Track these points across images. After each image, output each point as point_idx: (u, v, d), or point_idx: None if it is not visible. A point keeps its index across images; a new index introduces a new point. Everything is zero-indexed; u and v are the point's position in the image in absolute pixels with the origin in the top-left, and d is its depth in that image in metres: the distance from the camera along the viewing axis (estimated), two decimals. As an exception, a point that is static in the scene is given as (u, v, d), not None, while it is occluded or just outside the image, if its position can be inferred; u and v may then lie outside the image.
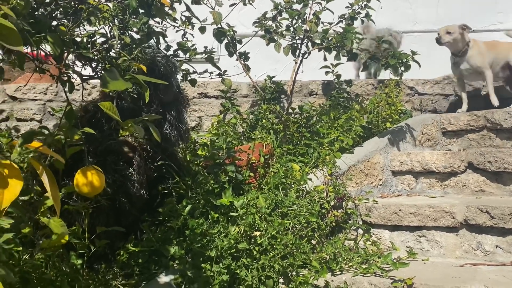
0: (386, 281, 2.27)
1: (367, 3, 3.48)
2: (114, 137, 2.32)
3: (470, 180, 3.06)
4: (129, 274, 2.37)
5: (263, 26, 3.45)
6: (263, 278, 2.32)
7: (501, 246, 2.51)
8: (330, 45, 3.31)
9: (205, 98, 4.20)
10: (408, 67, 3.35)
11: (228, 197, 2.53)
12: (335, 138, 3.23)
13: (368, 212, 2.80)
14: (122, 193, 2.38)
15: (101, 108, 1.50)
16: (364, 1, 3.48)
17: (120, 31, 1.73)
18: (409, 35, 5.23)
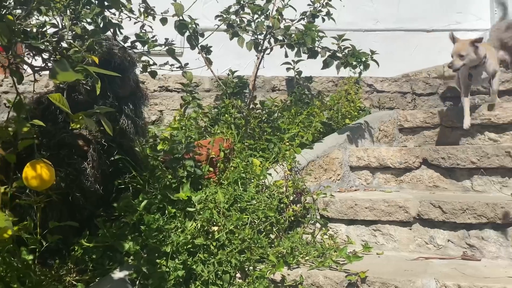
0: (340, 274, 2.30)
1: (328, 1, 3.51)
2: (68, 130, 2.27)
3: (425, 176, 3.13)
4: (83, 270, 2.33)
5: (226, 20, 3.44)
6: (220, 273, 2.32)
7: (452, 240, 2.59)
8: (291, 42, 3.33)
9: (166, 91, 4.16)
10: (367, 66, 3.39)
11: (185, 192, 2.51)
12: (295, 134, 3.26)
13: (326, 207, 2.83)
14: (76, 187, 2.34)
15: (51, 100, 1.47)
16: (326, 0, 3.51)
17: (72, 21, 1.69)
18: (370, 33, 5.31)
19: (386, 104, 4.21)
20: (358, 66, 3.33)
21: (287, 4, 3.48)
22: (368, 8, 5.43)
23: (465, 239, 2.55)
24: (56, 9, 1.63)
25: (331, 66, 3.35)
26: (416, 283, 2.18)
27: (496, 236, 2.49)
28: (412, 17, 5.47)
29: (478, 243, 2.52)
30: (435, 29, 5.52)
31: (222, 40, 3.62)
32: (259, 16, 3.43)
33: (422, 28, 5.52)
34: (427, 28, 5.53)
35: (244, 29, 3.41)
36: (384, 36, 5.36)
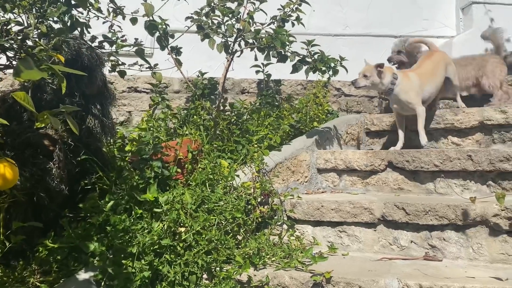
0: (306, 274, 2.33)
1: (298, 6, 3.55)
2: (33, 130, 2.24)
3: (390, 178, 3.20)
4: (47, 271, 2.30)
5: (197, 21, 3.44)
6: (186, 274, 2.32)
7: (415, 241, 2.65)
8: (261, 45, 3.36)
9: (135, 92, 4.14)
10: (336, 72, 3.44)
11: (152, 193, 2.51)
12: (264, 136, 3.29)
13: (293, 208, 2.86)
14: (41, 188, 2.31)
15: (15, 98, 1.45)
16: (296, 5, 3.55)
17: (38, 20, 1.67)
18: (340, 38, 5.38)
19: (354, 107, 4.28)
20: (327, 71, 3.38)
21: (258, 8, 3.51)
22: (338, 13, 5.50)
23: (428, 240, 2.62)
24: (22, 7, 1.62)
25: (300, 70, 3.39)
26: (379, 283, 2.22)
27: (457, 237, 2.56)
28: (381, 22, 5.57)
29: (439, 244, 2.59)
30: (402, 35, 5.62)
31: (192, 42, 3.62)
32: (230, 19, 3.44)
33: (390, 33, 5.62)
34: (395, 34, 5.64)
35: (215, 31, 3.42)
36: (353, 41, 5.44)
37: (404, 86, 3.44)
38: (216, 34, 3.39)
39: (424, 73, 3.58)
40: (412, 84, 3.48)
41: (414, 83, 3.49)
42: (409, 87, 3.46)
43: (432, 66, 3.67)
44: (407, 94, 3.44)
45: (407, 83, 3.46)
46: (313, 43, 3.39)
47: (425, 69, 3.65)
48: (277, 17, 3.52)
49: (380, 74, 3.38)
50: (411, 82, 3.49)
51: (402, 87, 3.44)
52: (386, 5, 5.53)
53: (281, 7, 3.55)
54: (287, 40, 3.24)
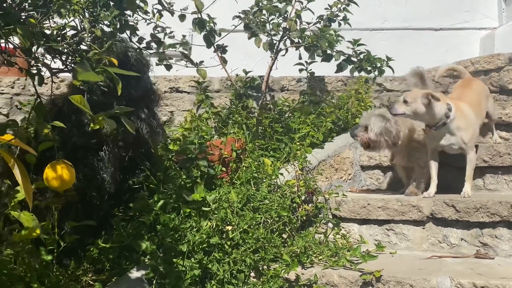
0: (355, 273, 2.31)
1: (346, 6, 3.51)
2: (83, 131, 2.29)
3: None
4: (99, 270, 2.36)
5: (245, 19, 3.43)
6: (234, 272, 2.34)
7: (465, 239, 2.59)
8: (307, 44, 3.33)
9: (177, 92, 4.18)
10: (381, 72, 3.37)
11: (200, 192, 2.53)
12: (306, 134, 3.27)
13: (338, 206, 2.84)
14: (93, 188, 2.36)
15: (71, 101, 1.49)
16: (343, 4, 3.50)
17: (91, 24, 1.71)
18: (378, 32, 5.31)
19: (396, 103, 4.21)
20: (373, 71, 3.32)
21: (306, 7, 3.48)
22: (376, 7, 5.42)
23: (479, 238, 2.56)
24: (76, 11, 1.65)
25: (345, 70, 3.35)
26: (431, 281, 2.19)
27: (510, 234, 2.50)
28: (420, 15, 5.46)
29: (491, 241, 2.53)
30: (442, 28, 5.51)
31: (230, 41, 3.63)
32: (277, 18, 3.42)
33: (430, 26, 5.51)
34: (435, 27, 5.52)
35: (262, 30, 3.41)
36: (391, 35, 5.35)
37: (461, 122, 2.79)
38: (262, 32, 3.37)
39: (475, 104, 2.97)
40: (469, 120, 2.84)
41: (471, 118, 2.86)
42: (467, 123, 2.82)
43: (476, 97, 3.05)
44: (465, 132, 2.79)
45: (464, 118, 2.82)
46: (359, 43, 3.33)
47: (471, 99, 3.00)
48: (324, 17, 3.47)
49: (430, 105, 2.74)
50: (468, 116, 2.85)
51: (459, 123, 2.79)
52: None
53: (329, 6, 3.50)
54: (334, 40, 3.19)
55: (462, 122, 2.79)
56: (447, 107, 2.77)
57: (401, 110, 2.77)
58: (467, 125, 2.80)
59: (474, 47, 5.44)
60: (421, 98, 2.74)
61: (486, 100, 3.12)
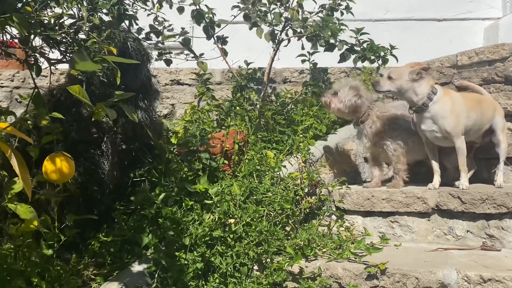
0: (359, 266, 2.28)
1: None
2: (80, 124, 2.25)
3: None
4: (101, 264, 2.33)
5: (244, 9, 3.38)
6: (237, 265, 2.31)
7: (471, 231, 2.56)
8: (309, 34, 3.28)
9: (178, 85, 4.14)
10: (385, 61, 3.33)
11: (202, 184, 2.50)
12: (309, 126, 3.24)
13: (342, 199, 2.81)
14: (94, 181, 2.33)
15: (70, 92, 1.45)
16: None
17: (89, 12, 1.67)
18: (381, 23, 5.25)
19: (400, 94, 4.16)
20: (377, 61, 3.27)
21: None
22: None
23: (485, 230, 2.53)
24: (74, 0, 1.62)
25: (348, 59, 3.30)
26: (437, 274, 2.15)
27: (517, 226, 2.46)
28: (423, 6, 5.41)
29: (497, 233, 2.49)
30: (446, 18, 5.45)
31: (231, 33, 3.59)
32: (279, 8, 3.37)
33: (433, 17, 5.45)
34: (438, 17, 5.47)
35: (263, 20, 3.35)
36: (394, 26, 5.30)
37: (444, 106, 2.69)
38: (264, 22, 3.32)
39: (472, 99, 2.86)
40: (455, 106, 2.71)
41: (458, 105, 2.73)
42: (450, 108, 2.69)
43: (481, 99, 2.92)
44: (445, 118, 2.68)
45: (448, 103, 2.70)
46: (362, 31, 3.28)
47: (473, 96, 2.93)
48: (326, 6, 3.41)
49: (416, 81, 2.67)
50: (454, 103, 2.72)
51: (442, 106, 2.68)
52: (428, -13, 5.37)
53: None
54: (337, 29, 3.13)
55: (446, 106, 2.68)
56: (431, 89, 2.68)
57: (386, 87, 2.71)
58: (451, 110, 2.69)
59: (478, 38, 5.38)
60: (409, 74, 2.66)
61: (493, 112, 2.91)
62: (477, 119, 2.80)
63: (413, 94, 2.69)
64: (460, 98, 2.78)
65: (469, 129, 2.78)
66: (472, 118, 2.77)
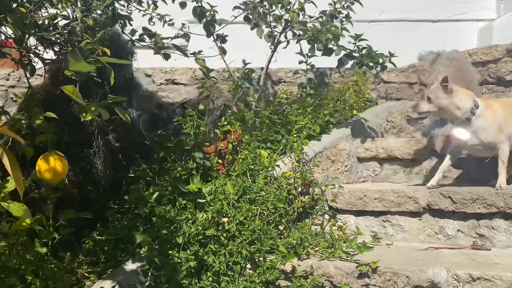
0: (351, 265, 2.31)
1: (350, 4, 3.46)
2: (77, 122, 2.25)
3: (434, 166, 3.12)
4: (95, 262, 2.35)
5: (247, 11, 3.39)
6: (230, 264, 2.33)
7: (462, 230, 2.59)
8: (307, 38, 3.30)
9: (173, 84, 4.15)
10: (384, 68, 3.33)
11: (196, 184, 2.52)
12: (303, 126, 3.25)
13: (334, 198, 2.83)
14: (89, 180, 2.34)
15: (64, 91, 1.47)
16: (348, 2, 3.46)
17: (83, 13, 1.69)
18: (376, 24, 5.28)
19: (394, 95, 4.19)
20: (375, 67, 3.29)
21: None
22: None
23: (475, 229, 2.56)
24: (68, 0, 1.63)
25: (346, 65, 3.33)
26: (427, 272, 2.18)
27: (506, 225, 2.49)
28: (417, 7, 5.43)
29: (488, 232, 2.52)
30: (440, 19, 5.48)
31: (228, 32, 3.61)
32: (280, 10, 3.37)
33: (428, 18, 5.48)
34: (433, 18, 5.49)
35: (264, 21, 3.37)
36: (389, 27, 5.33)
37: (487, 119, 2.63)
38: (265, 23, 3.34)
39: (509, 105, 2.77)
40: (496, 117, 2.65)
41: (499, 116, 2.66)
42: (492, 121, 2.64)
43: None
44: (487, 131, 2.64)
45: (491, 115, 2.64)
46: (361, 38, 3.29)
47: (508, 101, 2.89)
48: (327, 12, 3.42)
49: (452, 94, 2.62)
50: (496, 114, 2.66)
51: (485, 121, 2.63)
52: (423, -12, 5.39)
53: (333, 2, 3.46)
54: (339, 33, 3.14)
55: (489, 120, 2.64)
56: (474, 104, 2.64)
57: (426, 107, 2.70)
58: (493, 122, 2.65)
59: (472, 39, 5.41)
60: (441, 91, 2.64)
61: None
62: None
63: (455, 109, 2.65)
64: (499, 107, 2.71)
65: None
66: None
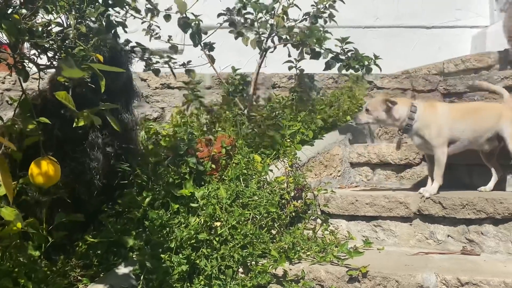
0: (342, 269, 2.33)
1: (332, 3, 3.52)
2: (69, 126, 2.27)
3: (425, 172, 3.15)
4: (87, 265, 2.36)
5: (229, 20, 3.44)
6: (222, 268, 2.35)
7: (452, 236, 2.62)
8: (295, 42, 3.34)
9: (168, 89, 4.18)
10: (369, 70, 3.40)
11: (189, 188, 2.54)
12: (296, 131, 3.28)
13: (327, 203, 2.86)
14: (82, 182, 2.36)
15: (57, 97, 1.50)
16: (329, 1, 3.52)
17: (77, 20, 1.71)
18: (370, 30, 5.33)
19: (387, 100, 4.22)
20: (361, 70, 3.34)
21: (292, 4, 3.49)
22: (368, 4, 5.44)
23: (465, 234, 2.58)
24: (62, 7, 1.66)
25: (333, 67, 3.37)
26: (416, 277, 2.21)
27: (495, 231, 2.52)
28: (412, 13, 5.50)
29: (477, 238, 2.55)
30: (434, 26, 5.55)
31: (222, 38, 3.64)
32: (264, 15, 3.43)
33: (422, 24, 5.54)
34: (427, 25, 5.56)
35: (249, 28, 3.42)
36: (384, 33, 5.39)
37: (426, 119, 2.76)
38: (250, 30, 3.39)
39: (463, 109, 2.90)
40: (436, 117, 2.77)
41: (440, 115, 2.78)
42: (431, 119, 2.77)
43: (479, 107, 2.97)
44: (427, 129, 2.75)
45: (429, 115, 2.77)
46: (347, 41, 3.34)
47: (468, 106, 3.05)
48: (310, 14, 3.48)
49: (390, 110, 2.78)
50: (436, 113, 2.78)
51: (423, 121, 2.76)
52: (417, -5, 5.45)
53: (314, 3, 3.51)
54: (322, 36, 3.20)
55: (427, 119, 2.75)
56: (410, 109, 2.77)
57: (365, 119, 2.88)
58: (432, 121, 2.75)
59: (466, 45, 5.47)
60: (381, 105, 2.79)
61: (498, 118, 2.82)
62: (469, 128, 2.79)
63: (393, 120, 2.81)
64: (446, 110, 2.81)
65: (459, 139, 2.79)
66: (459, 128, 2.78)
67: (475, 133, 2.81)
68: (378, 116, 2.82)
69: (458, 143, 2.81)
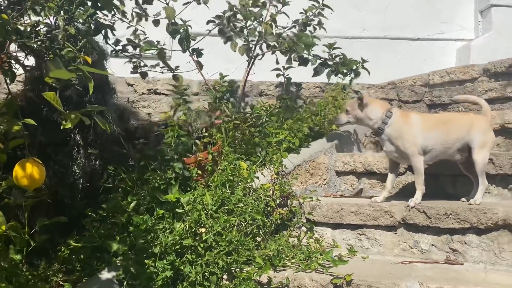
0: (326, 277, 2.33)
1: (321, 11, 3.55)
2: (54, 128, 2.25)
3: (410, 181, 3.18)
4: (70, 270, 2.34)
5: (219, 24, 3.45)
6: (207, 274, 2.34)
7: (436, 245, 2.63)
8: (283, 49, 3.36)
9: (155, 94, 4.17)
10: (357, 74, 3.44)
11: (174, 194, 2.53)
12: (283, 139, 3.29)
13: (312, 211, 2.86)
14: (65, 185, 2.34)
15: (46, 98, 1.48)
16: (318, 9, 3.55)
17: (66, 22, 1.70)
18: (357, 41, 5.38)
19: (373, 110, 4.25)
20: (349, 74, 3.37)
21: (280, 11, 3.51)
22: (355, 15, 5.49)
23: (449, 244, 2.60)
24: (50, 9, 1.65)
25: (322, 73, 3.39)
26: (400, 286, 2.22)
27: (479, 241, 2.54)
28: (398, 25, 5.56)
29: (461, 247, 2.57)
30: (420, 38, 5.61)
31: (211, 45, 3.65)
32: (252, 22, 3.44)
33: (408, 36, 5.61)
34: (413, 37, 5.62)
35: (238, 34, 3.43)
36: (370, 44, 5.43)
37: (399, 127, 2.82)
38: (239, 37, 3.40)
39: (435, 120, 2.95)
40: (409, 126, 2.83)
41: (413, 125, 2.84)
42: (404, 128, 2.82)
43: (450, 118, 3.01)
44: (400, 139, 2.80)
45: (403, 124, 2.82)
46: (334, 46, 3.37)
47: (439, 117, 3.13)
48: (299, 21, 3.51)
49: (363, 108, 2.87)
50: (409, 122, 2.84)
51: (396, 129, 2.82)
52: (403, 7, 5.51)
53: (303, 11, 3.54)
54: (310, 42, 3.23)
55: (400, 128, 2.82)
56: (386, 114, 2.85)
57: (345, 119, 2.99)
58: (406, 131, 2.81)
59: (450, 58, 5.55)
60: (356, 104, 2.90)
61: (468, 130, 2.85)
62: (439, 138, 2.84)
63: (368, 120, 2.89)
64: (418, 119, 2.87)
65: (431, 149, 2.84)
66: (431, 138, 2.82)
67: (444, 143, 2.85)
68: (356, 115, 2.92)
69: (430, 153, 2.86)
